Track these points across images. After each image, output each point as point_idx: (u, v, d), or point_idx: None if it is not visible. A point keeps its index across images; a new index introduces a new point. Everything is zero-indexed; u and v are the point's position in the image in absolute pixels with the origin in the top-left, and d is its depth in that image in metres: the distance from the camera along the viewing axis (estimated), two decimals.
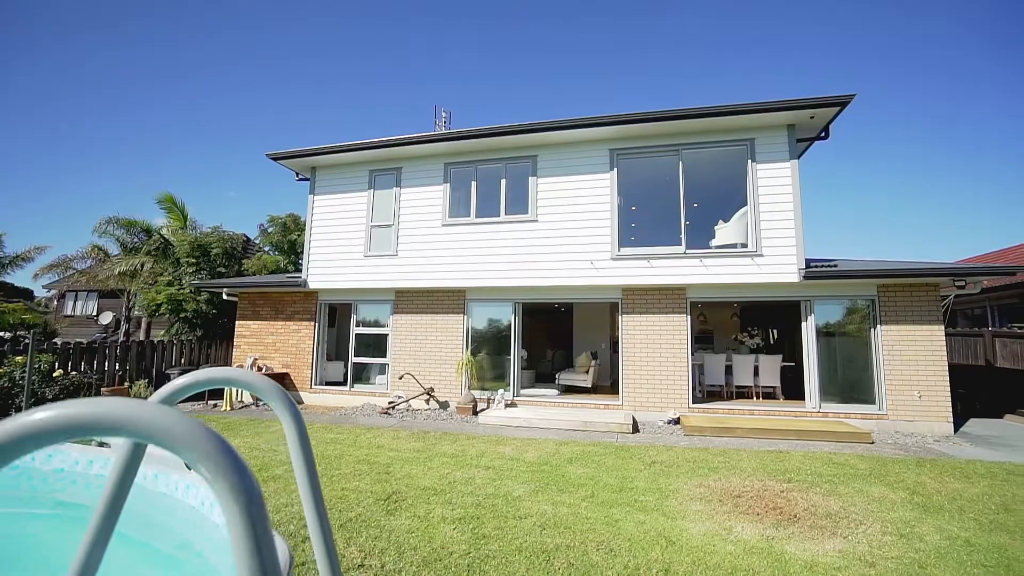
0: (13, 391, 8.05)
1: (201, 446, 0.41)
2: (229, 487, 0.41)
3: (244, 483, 0.42)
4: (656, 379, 8.71)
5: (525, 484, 4.92)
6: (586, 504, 4.39)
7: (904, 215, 73.06)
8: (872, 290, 8.19)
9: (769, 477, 5.28)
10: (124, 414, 0.39)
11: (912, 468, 5.65)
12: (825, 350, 8.42)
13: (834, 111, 7.92)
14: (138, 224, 13.89)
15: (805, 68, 42.35)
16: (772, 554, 3.47)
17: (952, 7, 28.81)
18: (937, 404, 7.73)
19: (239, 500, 0.41)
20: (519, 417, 8.18)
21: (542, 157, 9.35)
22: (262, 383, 0.79)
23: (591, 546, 3.54)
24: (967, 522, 4.05)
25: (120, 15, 39.47)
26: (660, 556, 3.41)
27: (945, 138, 53.32)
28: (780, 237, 8.13)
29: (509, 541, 3.59)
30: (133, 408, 0.40)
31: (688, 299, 8.82)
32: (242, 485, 0.42)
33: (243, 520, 0.41)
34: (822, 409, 8.19)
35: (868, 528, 3.94)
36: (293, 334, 10.69)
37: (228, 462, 0.42)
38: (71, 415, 0.37)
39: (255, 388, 0.76)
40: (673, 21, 35.93)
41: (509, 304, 9.65)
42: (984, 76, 38.76)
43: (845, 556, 3.46)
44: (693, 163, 8.90)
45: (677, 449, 6.51)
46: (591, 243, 8.89)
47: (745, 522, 4.05)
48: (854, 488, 4.93)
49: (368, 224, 10.15)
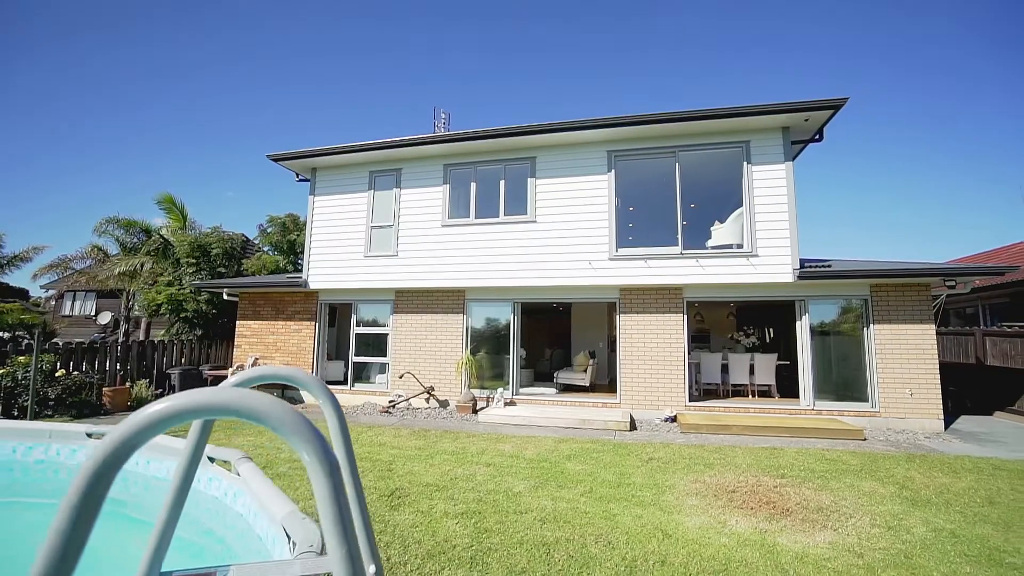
0: (16, 391, 8.12)
1: (298, 428, 0.52)
2: (317, 458, 0.53)
3: (327, 455, 0.54)
4: (653, 378, 8.84)
5: (525, 480, 5.03)
6: (585, 499, 4.50)
7: (903, 214, 73.52)
8: (865, 290, 8.33)
9: (763, 473, 5.41)
10: (247, 402, 0.50)
11: (902, 464, 5.80)
12: (819, 349, 8.56)
13: (828, 114, 8.05)
14: (138, 224, 13.94)
15: (804, 68, 42.58)
16: (764, 546, 3.59)
17: (951, 6, 29.05)
18: (928, 402, 7.88)
19: (323, 467, 0.53)
20: (518, 415, 8.29)
21: (541, 158, 9.46)
22: (307, 378, 0.90)
23: (590, 539, 3.65)
24: (953, 515, 4.19)
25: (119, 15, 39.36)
26: (657, 548, 3.52)
27: (944, 137, 53.70)
28: (775, 238, 8.26)
29: (510, 535, 3.70)
30: (254, 398, 0.51)
31: (685, 299, 8.95)
32: (326, 456, 0.54)
33: (326, 480, 0.53)
34: (816, 407, 8.33)
35: (857, 521, 4.07)
36: (294, 334, 10.78)
37: (317, 440, 0.54)
38: (208, 401, 0.48)
39: (301, 383, 0.86)
40: (673, 21, 36.10)
41: (508, 304, 9.76)
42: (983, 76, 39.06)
43: (835, 548, 3.58)
44: (690, 165, 9.02)
45: (674, 446, 6.64)
46: (589, 243, 9.00)
47: (739, 516, 4.17)
48: (845, 483, 5.06)
49: (368, 225, 10.24)
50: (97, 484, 0.50)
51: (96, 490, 0.50)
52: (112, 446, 0.49)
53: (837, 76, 43.88)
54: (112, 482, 0.53)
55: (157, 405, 0.51)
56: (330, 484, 0.54)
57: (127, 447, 0.50)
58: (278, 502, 1.41)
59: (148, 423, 0.50)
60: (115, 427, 0.52)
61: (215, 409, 0.50)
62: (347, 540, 0.51)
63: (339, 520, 0.53)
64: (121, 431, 0.50)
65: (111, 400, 9.26)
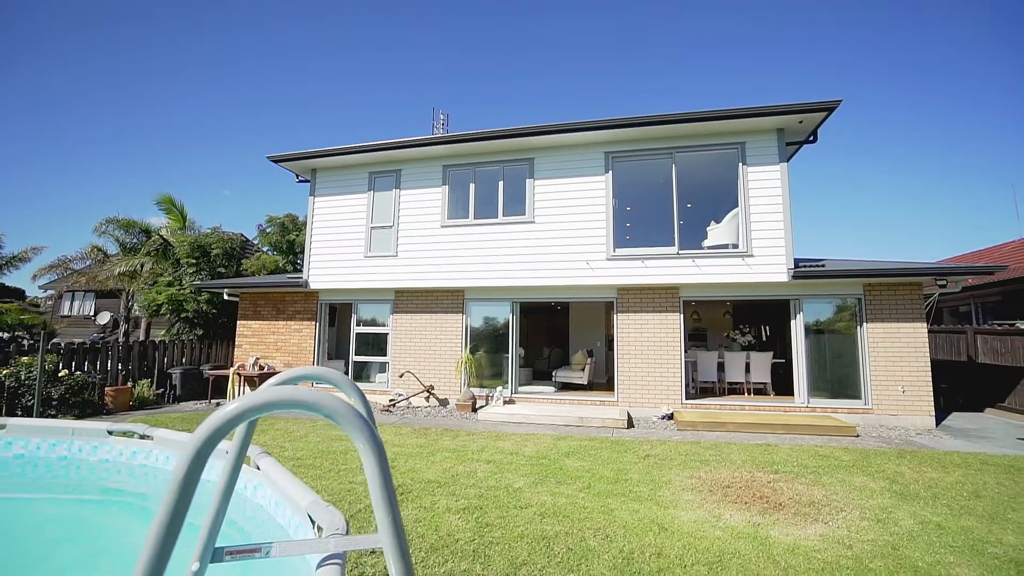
0: (19, 391, 8.18)
1: (352, 418, 0.64)
2: (367, 442, 0.64)
3: (376, 440, 0.65)
4: (650, 376, 8.97)
5: (525, 477, 5.14)
6: (583, 495, 4.62)
7: (897, 212, 73.93)
8: (858, 289, 8.47)
9: (757, 469, 5.53)
10: (313, 398, 0.61)
11: (893, 459, 5.93)
12: (814, 347, 8.70)
13: (822, 116, 8.18)
14: (137, 225, 13.99)
15: (796, 67, 42.75)
16: (758, 538, 3.71)
17: (949, 5, 29.22)
18: (920, 399, 8.03)
19: (373, 451, 0.64)
20: (517, 413, 8.41)
21: (539, 160, 9.56)
22: (339, 377, 1.00)
23: (588, 532, 3.77)
24: (940, 508, 4.32)
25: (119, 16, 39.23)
26: (653, 541, 3.64)
27: (939, 137, 54.02)
28: (770, 238, 8.39)
29: (511, 529, 3.81)
30: (318, 395, 0.62)
31: (681, 298, 9.07)
32: (375, 442, 0.65)
33: (375, 459, 0.65)
34: (810, 404, 8.47)
35: (848, 514, 4.20)
36: (294, 333, 10.86)
37: (367, 428, 0.65)
38: (283, 397, 0.58)
39: (334, 381, 0.96)
40: (673, 21, 36.21)
41: (507, 303, 9.87)
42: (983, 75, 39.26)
43: (825, 540, 3.71)
44: (686, 165, 9.14)
45: (670, 443, 6.77)
46: (587, 244, 9.12)
47: (733, 510, 4.29)
48: (837, 478, 5.20)
49: (368, 225, 10.33)
50: (195, 465, 0.60)
51: (195, 469, 0.61)
52: (206, 434, 0.60)
53: (829, 75, 44.08)
54: (206, 462, 0.64)
55: (239, 402, 0.62)
56: (378, 462, 0.65)
57: (218, 435, 0.60)
58: (301, 492, 1.51)
59: (235, 415, 0.61)
60: (208, 418, 0.62)
61: (289, 404, 0.60)
62: (392, 508, 0.62)
63: (385, 490, 0.64)
64: (211, 422, 0.60)
65: (113, 400, 9.33)
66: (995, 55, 33.70)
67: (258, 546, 0.85)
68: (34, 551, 2.23)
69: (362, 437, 0.65)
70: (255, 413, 0.61)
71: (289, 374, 0.98)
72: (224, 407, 0.62)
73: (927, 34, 34.22)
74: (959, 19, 30.14)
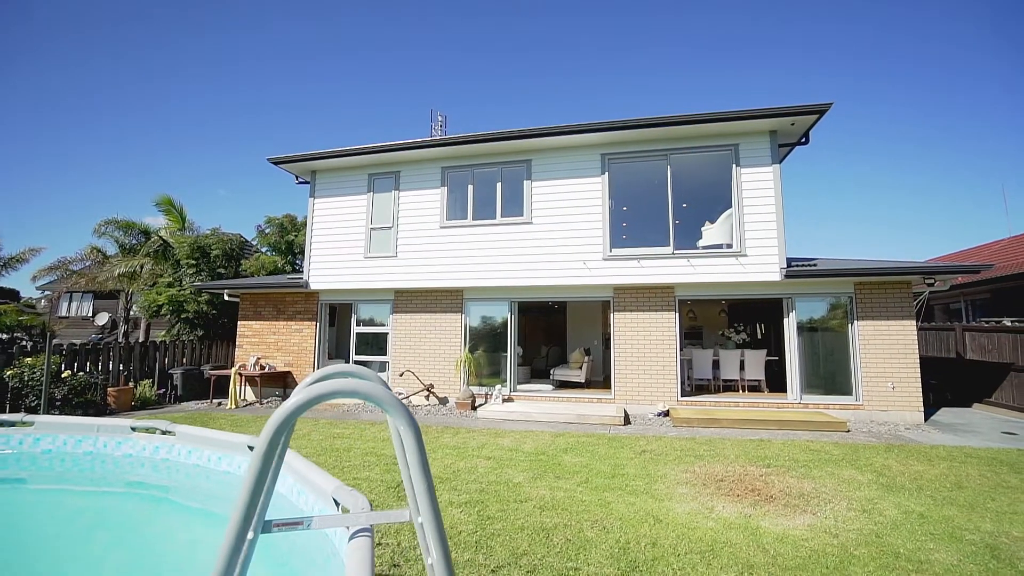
0: (23, 391, 8.27)
1: (395, 404, 0.78)
2: (407, 424, 0.78)
3: (413, 422, 0.79)
4: (646, 374, 9.13)
5: (524, 472, 5.29)
6: (581, 489, 4.77)
7: (891, 211, 74.53)
8: (849, 287, 8.65)
9: (750, 463, 5.70)
10: (364, 388, 0.75)
11: (881, 453, 6.12)
12: (807, 345, 8.88)
13: (813, 118, 8.35)
14: (136, 226, 14.06)
15: (801, 67, 43.03)
16: (748, 529, 3.87)
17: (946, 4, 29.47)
18: (909, 394, 8.22)
19: (411, 429, 0.79)
20: (516, 411, 8.56)
21: (536, 161, 9.70)
22: (368, 373, 1.14)
23: (586, 524, 3.92)
24: (923, 499, 4.50)
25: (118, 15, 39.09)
26: (648, 532, 3.79)
27: (933, 135, 54.45)
28: (763, 238, 8.56)
29: (512, 521, 3.95)
30: (369, 385, 0.76)
31: (676, 297, 9.24)
32: (412, 423, 0.79)
33: (413, 437, 0.79)
34: (803, 400, 8.66)
35: (835, 505, 4.37)
36: (295, 333, 10.98)
37: (407, 412, 0.79)
38: (341, 388, 0.72)
39: (365, 376, 1.10)
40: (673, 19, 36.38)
41: (505, 303, 10.01)
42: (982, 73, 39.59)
43: (813, 529, 3.87)
44: (681, 167, 9.30)
45: (666, 439, 6.93)
46: (584, 244, 9.27)
47: (726, 502, 4.45)
48: (826, 472, 5.37)
49: (368, 226, 10.45)
50: (272, 443, 0.74)
51: (272, 448, 0.74)
52: (281, 417, 0.73)
53: (820, 73, 44.37)
54: (279, 443, 0.77)
55: (305, 392, 0.75)
56: (415, 439, 0.80)
57: (290, 419, 0.74)
58: (324, 479, 1.64)
59: (304, 402, 0.75)
60: (283, 403, 0.75)
61: (347, 393, 0.74)
62: (427, 477, 0.75)
63: (422, 463, 0.78)
64: (286, 407, 0.74)
65: (116, 400, 9.42)
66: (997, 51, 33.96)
67: (300, 519, 0.98)
68: (61, 539, 2.36)
69: (403, 419, 0.80)
70: (318, 402, 0.75)
71: (326, 371, 1.11)
72: (293, 397, 0.75)
73: (926, 31, 34.53)
74: (958, 16, 30.43)
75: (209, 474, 2.42)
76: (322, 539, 1.61)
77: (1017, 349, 8.93)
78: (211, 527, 2.25)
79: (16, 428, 2.83)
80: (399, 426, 0.82)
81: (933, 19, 31.23)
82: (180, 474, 2.59)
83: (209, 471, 2.44)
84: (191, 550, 2.20)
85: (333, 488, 1.45)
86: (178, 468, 2.62)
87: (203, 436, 2.55)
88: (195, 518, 2.34)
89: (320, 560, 1.59)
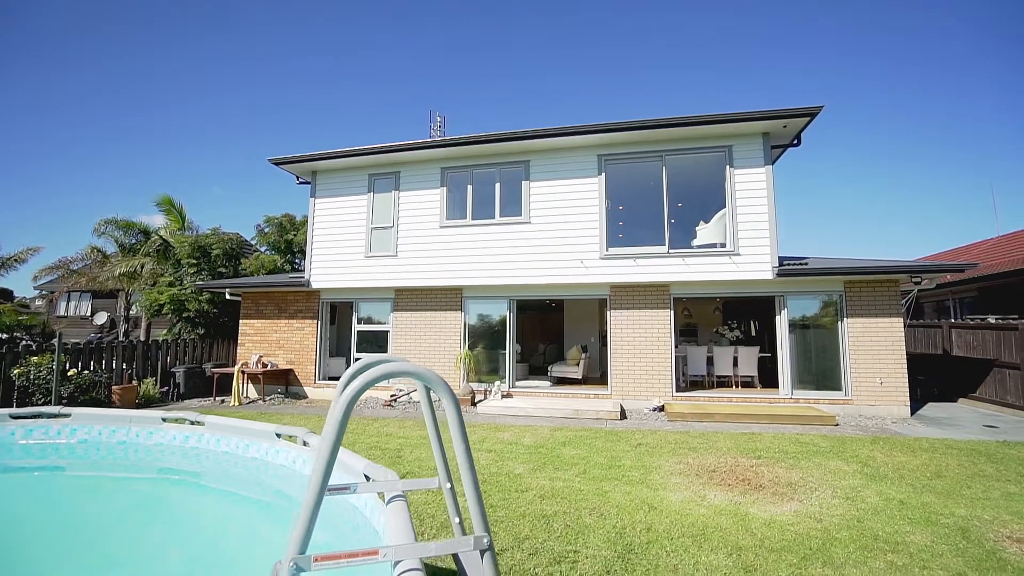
0: (29, 389, 8.41)
1: (441, 383, 0.97)
2: (449, 398, 0.97)
3: (454, 397, 0.99)
4: (642, 370, 9.36)
5: (524, 464, 5.50)
6: (579, 479, 4.98)
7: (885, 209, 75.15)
8: (839, 286, 8.90)
9: (741, 455, 5.93)
10: (416, 369, 0.95)
11: (867, 445, 6.36)
12: (798, 341, 9.13)
13: (804, 121, 8.57)
14: (136, 225, 14.15)
15: (795, 64, 43.33)
16: (738, 515, 4.09)
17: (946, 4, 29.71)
18: (896, 390, 8.49)
19: (453, 403, 0.98)
20: (515, 407, 8.76)
21: (534, 162, 9.89)
22: (403, 360, 1.33)
23: (584, 512, 4.12)
24: (904, 487, 4.73)
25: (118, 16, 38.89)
26: (643, 518, 4.00)
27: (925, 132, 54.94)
28: (756, 237, 8.79)
29: (514, 509, 4.15)
30: (419, 368, 0.95)
31: (672, 295, 9.46)
32: (453, 397, 0.99)
33: (455, 411, 0.98)
34: (794, 396, 8.91)
35: (821, 494, 4.59)
36: (297, 332, 11.13)
37: (448, 388, 0.98)
38: (398, 368, 0.91)
39: (400, 360, 1.29)
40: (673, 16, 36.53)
41: (504, 301, 10.21)
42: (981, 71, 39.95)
43: (798, 515, 4.09)
44: (676, 168, 9.51)
45: (661, 433, 7.15)
46: (581, 243, 9.47)
47: (717, 491, 4.67)
48: (814, 462, 5.60)
49: (368, 226, 10.61)
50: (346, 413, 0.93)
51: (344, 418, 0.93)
52: (351, 395, 0.92)
53: (818, 71, 44.71)
54: (350, 414, 0.96)
55: (373, 370, 0.95)
56: (456, 411, 0.99)
57: (356, 397, 0.93)
58: (354, 459, 1.83)
59: (371, 379, 0.94)
60: (350, 384, 0.95)
61: (401, 373, 0.93)
62: (465, 441, 0.94)
63: (461, 430, 0.97)
64: (353, 386, 0.93)
65: (120, 398, 9.56)
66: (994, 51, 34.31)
67: (348, 485, 1.16)
68: (99, 519, 2.55)
69: (446, 394, 1.00)
70: (383, 379, 0.94)
71: (371, 359, 1.30)
72: (355, 381, 0.93)
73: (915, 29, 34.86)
74: (949, 13, 30.74)
75: (237, 460, 2.61)
76: (352, 512, 1.81)
77: (1000, 346, 9.21)
78: (239, 507, 2.45)
79: (55, 420, 3.02)
80: (442, 398, 1.02)
81: (924, 17, 31.55)
82: (209, 461, 2.78)
83: (237, 457, 2.63)
84: (221, 527, 2.39)
85: (363, 466, 1.64)
86: (207, 455, 2.80)
87: (231, 425, 2.74)
88: (224, 500, 2.54)
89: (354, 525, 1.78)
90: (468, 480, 1.06)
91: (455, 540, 1.10)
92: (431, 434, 1.31)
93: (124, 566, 2.19)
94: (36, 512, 2.60)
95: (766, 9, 33.66)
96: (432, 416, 1.34)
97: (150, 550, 2.26)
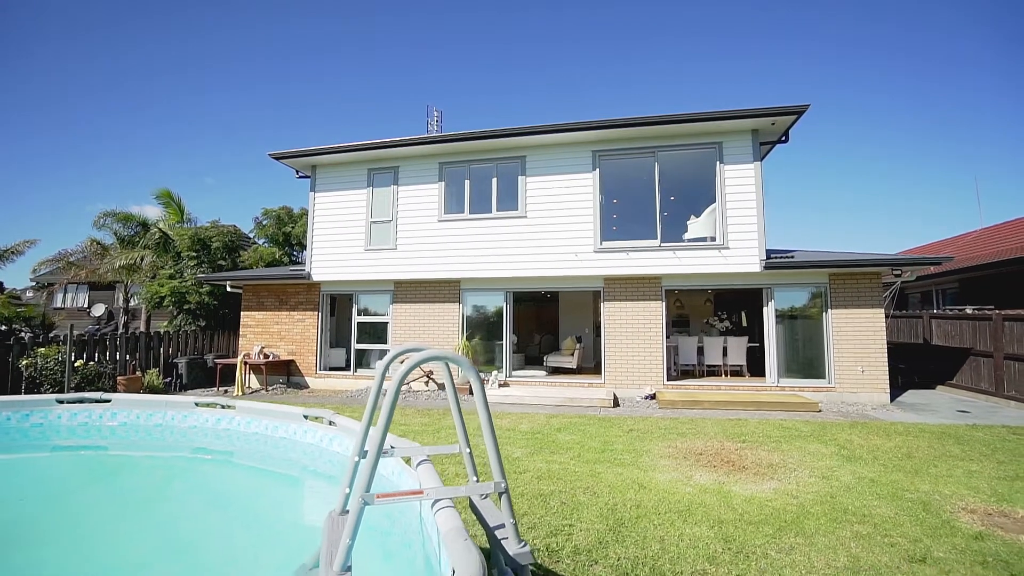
0: (37, 380, 8.61)
1: (468, 363, 1.22)
2: (475, 377, 1.23)
3: (479, 376, 1.25)
4: (635, 360, 9.69)
5: (522, 448, 5.80)
6: (574, 462, 5.29)
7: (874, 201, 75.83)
8: (824, 278, 9.24)
9: (727, 439, 6.27)
10: (450, 354, 1.20)
11: (846, 430, 6.72)
12: (785, 332, 9.48)
13: (792, 119, 8.83)
14: (135, 218, 14.23)
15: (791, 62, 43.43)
16: (721, 493, 4.42)
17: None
18: (877, 378, 8.87)
19: (478, 381, 1.24)
20: (512, 395, 9.07)
21: (530, 158, 10.10)
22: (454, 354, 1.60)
23: (579, 490, 4.43)
24: (876, 467, 5.09)
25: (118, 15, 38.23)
26: (634, 496, 4.32)
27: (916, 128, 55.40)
28: (744, 231, 9.09)
29: (513, 489, 4.46)
30: (452, 353, 1.21)
31: (663, 287, 9.77)
32: (479, 377, 1.25)
33: (480, 388, 1.24)
34: (780, 384, 9.27)
35: (799, 473, 4.93)
36: (298, 323, 11.35)
37: (475, 370, 1.24)
38: (436, 353, 1.16)
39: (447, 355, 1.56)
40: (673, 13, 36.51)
41: (501, 293, 10.47)
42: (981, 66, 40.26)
43: (777, 492, 4.42)
44: (668, 163, 9.76)
45: (652, 419, 7.49)
46: (576, 237, 9.73)
47: (703, 472, 5.00)
48: (795, 446, 5.95)
49: (368, 220, 10.80)
50: (397, 391, 1.19)
51: (396, 394, 1.19)
52: (400, 376, 1.18)
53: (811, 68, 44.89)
54: (399, 391, 1.22)
55: (415, 356, 1.21)
56: (481, 387, 1.25)
57: (406, 375, 1.19)
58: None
59: (418, 360, 1.20)
60: (400, 367, 1.20)
61: (439, 358, 1.19)
62: (487, 409, 1.20)
63: (485, 405, 1.23)
64: (402, 369, 1.19)
65: (125, 388, 9.76)
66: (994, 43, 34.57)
67: (387, 449, 1.42)
68: (140, 492, 2.81)
69: (472, 374, 1.25)
70: (427, 361, 1.20)
71: (407, 346, 1.56)
72: (404, 363, 1.18)
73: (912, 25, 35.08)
74: (940, 3, 30.94)
75: (267, 440, 2.88)
76: (379, 478, 2.08)
77: (976, 335, 9.62)
78: (271, 481, 2.71)
79: (97, 404, 3.27)
80: (470, 379, 1.28)
81: (915, 9, 31.75)
82: (241, 441, 3.04)
83: (267, 438, 2.90)
84: (252, 499, 2.66)
85: (392, 439, 1.91)
86: (239, 436, 3.07)
87: (261, 408, 2.99)
88: (256, 475, 2.80)
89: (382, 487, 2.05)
90: (489, 440, 1.34)
91: (480, 484, 1.40)
92: (452, 408, 1.57)
93: (165, 533, 2.46)
94: (83, 485, 2.87)
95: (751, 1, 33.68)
96: (454, 393, 1.61)
97: (188, 517, 2.53)
